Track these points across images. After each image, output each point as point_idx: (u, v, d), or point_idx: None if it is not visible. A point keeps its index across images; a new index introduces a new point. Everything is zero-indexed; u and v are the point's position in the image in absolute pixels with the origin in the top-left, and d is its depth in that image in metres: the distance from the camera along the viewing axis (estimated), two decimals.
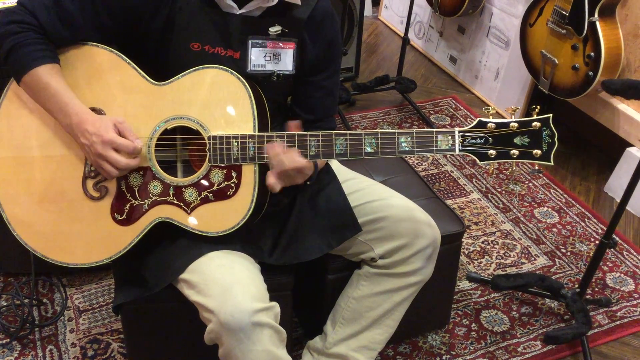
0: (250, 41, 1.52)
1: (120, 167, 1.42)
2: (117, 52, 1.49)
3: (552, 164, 1.41)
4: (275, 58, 1.55)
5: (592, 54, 2.54)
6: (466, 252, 2.44)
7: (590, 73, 2.56)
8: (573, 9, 2.55)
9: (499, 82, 3.36)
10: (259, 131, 1.47)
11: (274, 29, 1.52)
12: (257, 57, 1.53)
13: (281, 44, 1.54)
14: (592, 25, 2.51)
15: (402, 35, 3.34)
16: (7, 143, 1.49)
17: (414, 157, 2.95)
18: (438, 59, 3.83)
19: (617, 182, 2.78)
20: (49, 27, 1.42)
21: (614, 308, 2.24)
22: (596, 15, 2.50)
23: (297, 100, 1.67)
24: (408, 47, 3.41)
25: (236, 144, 1.46)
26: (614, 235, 1.94)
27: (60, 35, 1.45)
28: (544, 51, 2.76)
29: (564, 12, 2.59)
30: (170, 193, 1.49)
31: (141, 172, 1.49)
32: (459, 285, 2.28)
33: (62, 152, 1.49)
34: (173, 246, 1.54)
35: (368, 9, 4.32)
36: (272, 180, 1.46)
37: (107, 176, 1.46)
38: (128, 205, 1.49)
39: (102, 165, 1.43)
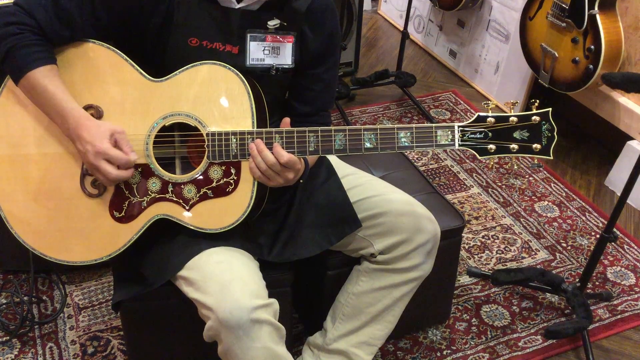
0: (248, 35, 1.51)
1: (111, 178, 1.41)
2: (115, 48, 1.48)
3: (552, 157, 1.41)
4: (274, 52, 1.54)
5: (592, 47, 2.53)
6: (466, 246, 2.44)
7: (591, 66, 2.55)
8: (573, 1, 2.53)
9: (499, 75, 3.35)
10: (257, 127, 1.46)
11: (273, 23, 1.51)
12: (256, 51, 1.53)
13: (280, 38, 1.53)
14: (592, 18, 2.50)
15: (402, 29, 3.33)
16: (4, 140, 1.49)
17: (413, 152, 2.94)
18: (438, 53, 3.82)
19: (617, 176, 2.77)
20: (47, 27, 1.41)
21: (615, 302, 2.24)
22: (596, 8, 2.48)
23: (295, 93, 1.66)
24: (407, 41, 3.40)
25: (235, 140, 1.45)
26: (614, 229, 1.93)
27: (59, 34, 1.44)
28: (543, 44, 2.75)
29: (563, 5, 2.57)
30: (169, 190, 1.48)
31: (139, 169, 1.48)
32: (459, 280, 2.28)
33: (59, 149, 1.48)
34: (172, 243, 1.53)
35: (367, 3, 4.30)
36: (258, 174, 1.45)
37: (102, 183, 1.47)
38: (126, 203, 1.49)
39: (96, 174, 1.44)
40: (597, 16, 2.49)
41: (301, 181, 1.54)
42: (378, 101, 3.38)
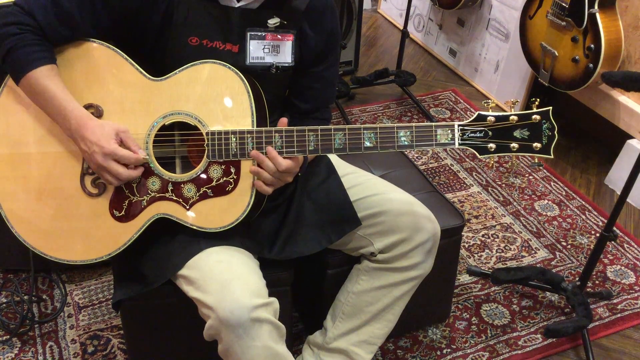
0: (248, 34, 1.51)
1: (122, 178, 1.42)
2: (115, 48, 1.48)
3: (552, 157, 1.40)
4: (274, 50, 1.54)
5: (592, 45, 2.52)
6: (466, 245, 2.44)
7: (591, 65, 2.55)
8: (573, 0, 2.53)
9: (498, 74, 3.35)
10: (257, 126, 1.46)
11: (273, 21, 1.52)
12: (256, 50, 1.53)
13: (279, 36, 1.53)
14: (592, 17, 2.50)
15: (402, 28, 3.33)
16: (4, 139, 1.49)
17: (413, 151, 2.94)
18: (438, 52, 3.81)
19: (617, 175, 2.77)
20: (47, 27, 1.41)
21: (615, 301, 2.24)
22: (596, 7, 2.48)
23: (295, 91, 1.66)
24: (407, 40, 3.39)
25: (235, 139, 1.45)
26: (614, 228, 1.93)
27: (59, 34, 1.44)
28: (543, 43, 2.75)
29: (563, 4, 2.57)
30: (169, 189, 1.48)
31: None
32: (459, 279, 2.28)
33: (60, 148, 1.48)
34: (172, 242, 1.53)
35: (367, 2, 4.30)
36: (264, 188, 1.47)
37: (108, 184, 1.46)
38: (127, 202, 1.49)
39: (104, 175, 1.43)
40: (597, 15, 2.49)
41: (299, 174, 1.55)
42: (378, 100, 3.38)
